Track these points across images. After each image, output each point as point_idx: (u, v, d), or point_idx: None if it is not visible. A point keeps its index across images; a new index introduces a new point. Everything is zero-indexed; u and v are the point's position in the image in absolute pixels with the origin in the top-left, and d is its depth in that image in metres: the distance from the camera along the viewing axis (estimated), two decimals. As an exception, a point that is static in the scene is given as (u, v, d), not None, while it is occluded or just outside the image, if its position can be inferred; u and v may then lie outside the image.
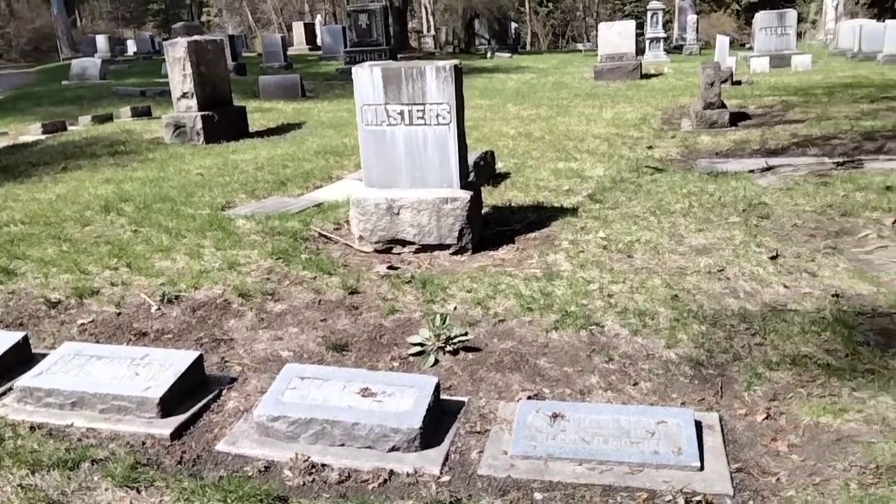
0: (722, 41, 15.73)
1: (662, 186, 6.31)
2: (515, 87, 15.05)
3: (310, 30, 32.71)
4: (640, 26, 33.07)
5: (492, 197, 6.12)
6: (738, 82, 15.44)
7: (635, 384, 3.25)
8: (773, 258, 4.60)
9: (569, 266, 4.47)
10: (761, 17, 20.97)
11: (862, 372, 3.31)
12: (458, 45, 29.32)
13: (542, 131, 9.29)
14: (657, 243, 4.85)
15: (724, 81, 14.97)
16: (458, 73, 4.80)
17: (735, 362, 3.39)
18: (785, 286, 4.22)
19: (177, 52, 9.16)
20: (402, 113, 4.81)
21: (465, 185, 5.01)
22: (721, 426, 2.93)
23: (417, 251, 4.99)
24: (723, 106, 9.58)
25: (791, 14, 20.63)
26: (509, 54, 26.17)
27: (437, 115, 4.79)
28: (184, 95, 9.28)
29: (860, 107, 10.20)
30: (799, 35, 42.86)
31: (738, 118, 9.97)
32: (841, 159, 7.10)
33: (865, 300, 4.07)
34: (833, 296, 4.11)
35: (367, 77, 4.80)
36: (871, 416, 2.95)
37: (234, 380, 3.38)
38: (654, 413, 2.89)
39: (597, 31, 21.09)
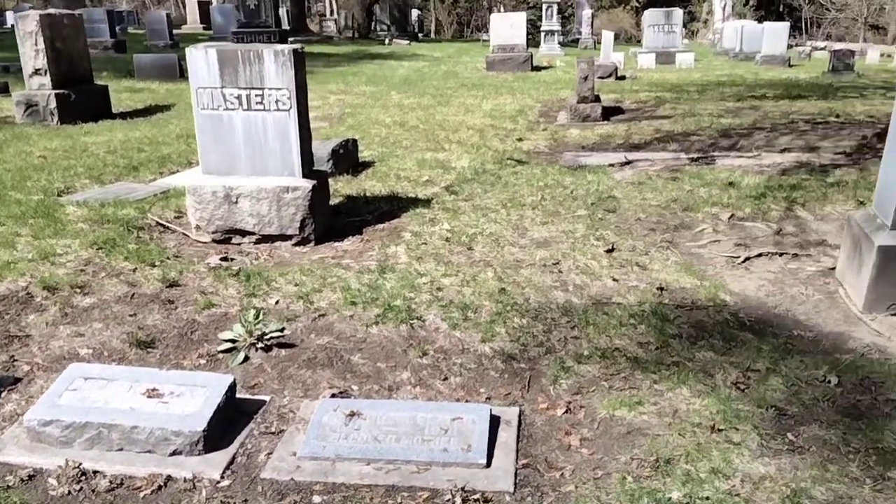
0: (607, 37, 16.10)
1: (521, 179, 6.35)
2: (405, 75, 14.92)
3: (204, 8, 31.49)
4: (564, 21, 33.66)
5: (350, 186, 6.00)
6: (623, 77, 15.90)
7: (445, 379, 3.21)
8: (608, 251, 4.69)
9: (406, 258, 4.41)
10: (649, 15, 21.64)
11: (668, 364, 3.39)
12: (357, 30, 28.92)
13: (419, 120, 9.22)
14: (500, 236, 4.86)
15: (609, 76, 15.40)
16: (299, 57, 4.64)
17: (547, 356, 3.41)
18: (614, 279, 4.29)
19: (28, 25, 8.54)
20: (239, 97, 4.61)
21: (308, 173, 4.86)
22: (520, 421, 2.92)
23: (258, 242, 4.81)
24: (596, 100, 9.77)
25: (677, 13, 21.37)
26: (408, 41, 26.02)
27: (277, 101, 4.61)
28: (36, 72, 8.67)
29: (726, 104, 10.64)
30: (693, 34, 44.69)
31: (612, 112, 10.21)
32: (695, 155, 7.35)
33: (687, 293, 4.19)
34: (658, 289, 4.21)
35: (202, 58, 4.57)
36: (663, 409, 3.01)
37: (17, 380, 3.13)
38: (452, 409, 2.85)
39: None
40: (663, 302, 4.04)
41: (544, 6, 23.24)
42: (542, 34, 23.21)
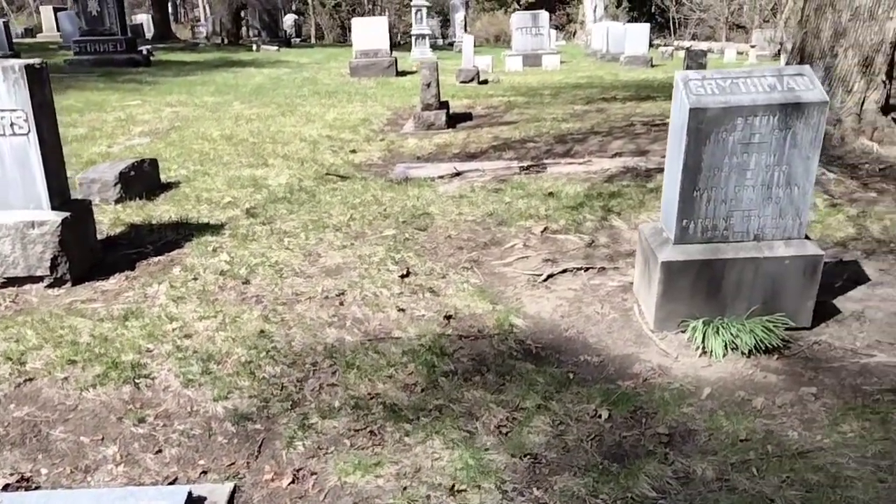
0: (467, 41, 15.97)
1: (337, 197, 5.94)
2: (259, 84, 14.26)
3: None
4: (446, 23, 33.37)
5: (139, 212, 5.41)
6: (485, 81, 15.79)
7: (158, 452, 2.75)
8: (403, 277, 4.35)
9: (165, 299, 3.91)
10: (517, 18, 21.79)
11: (429, 410, 3.06)
12: (226, 36, 27.79)
13: (252, 133, 8.66)
14: (286, 265, 4.43)
15: (471, 80, 15.25)
16: (36, 74, 4.04)
17: (290, 411, 3.01)
18: (400, 309, 3.95)
19: None
20: (-35, 121, 3.97)
21: (61, 204, 4.27)
22: (231, 500, 2.50)
23: (3, 285, 4.18)
24: (441, 107, 9.50)
25: (543, 15, 21.59)
26: (277, 47, 25.20)
27: (13, 125, 4.01)
28: None
29: (574, 108, 10.62)
30: (572, 35, 45.64)
31: (460, 119, 9.97)
32: (528, 163, 7.17)
33: (477, 321, 3.90)
34: (445, 318, 3.90)
35: (-85, 77, 3.91)
36: (404, 469, 2.67)
37: None
38: (140, 496, 2.39)
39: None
40: (447, 333, 3.73)
41: (413, 10, 23.04)
42: (413, 38, 22.99)
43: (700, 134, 3.53)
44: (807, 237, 3.81)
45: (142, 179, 5.83)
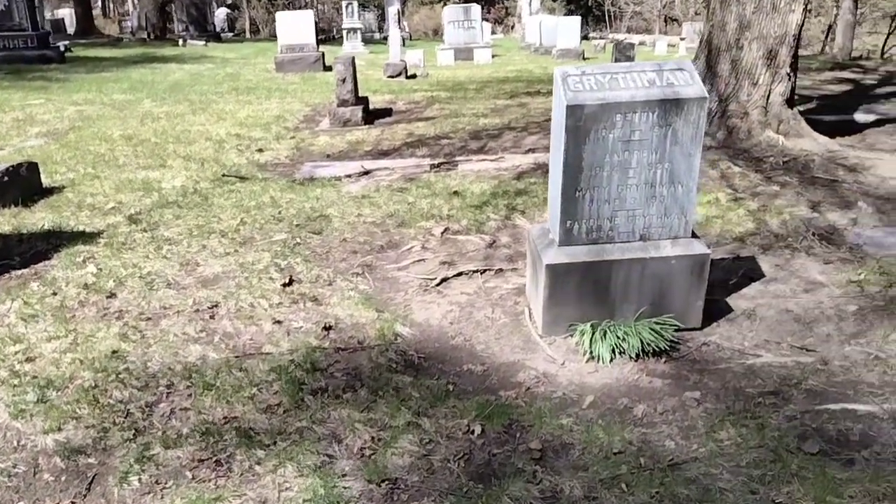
0: (394, 34, 15.72)
1: (232, 200, 5.66)
2: (177, 80, 13.74)
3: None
4: (383, 16, 32.80)
5: (11, 221, 5.04)
6: (414, 76, 15.59)
7: (-29, 496, 2.47)
8: (286, 285, 4.11)
9: (14, 318, 3.60)
10: (448, 12, 21.61)
11: (289, 433, 2.85)
12: (152, 30, 26.88)
13: (156, 133, 8.27)
14: (160, 276, 4.15)
15: (398, 75, 15.01)
16: None
17: (131, 442, 2.76)
18: (276, 322, 3.72)
19: None
20: None
21: None
22: (44, 549, 2.24)
23: None
24: (358, 103, 9.25)
25: (475, 8, 21.45)
26: (205, 42, 24.49)
27: None
28: None
29: (496, 102, 10.49)
30: (510, 28, 45.67)
31: (379, 115, 9.75)
32: (439, 160, 6.99)
33: (359, 331, 3.70)
34: (325, 329, 3.69)
35: None
36: (247, 503, 2.45)
37: None
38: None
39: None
40: (323, 346, 3.52)
41: (344, 3, 22.64)
42: (345, 32, 22.60)
43: (579, 132, 3.39)
44: (694, 235, 3.72)
45: (17, 185, 5.45)
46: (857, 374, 3.27)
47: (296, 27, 16.35)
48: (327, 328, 3.68)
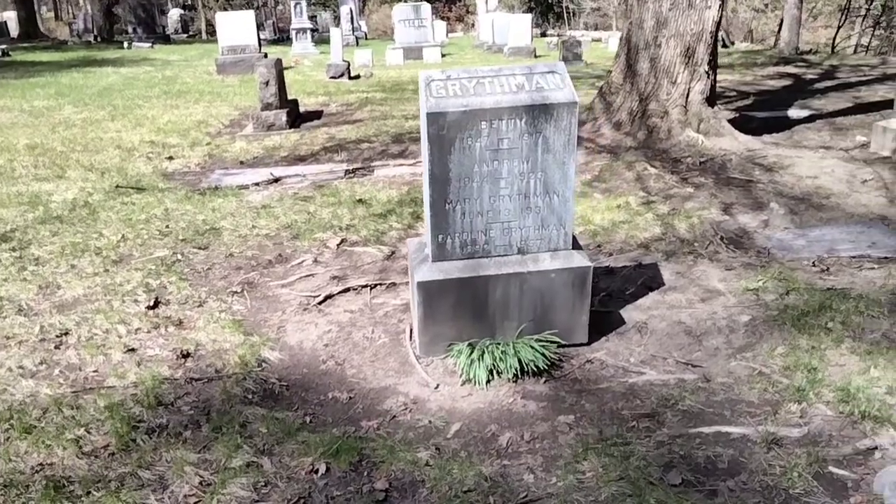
0: (335, 35, 15.40)
1: (121, 213, 5.35)
2: (109, 84, 13.30)
3: None
4: (338, 19, 32.33)
5: None
6: (357, 76, 15.30)
7: None
8: (150, 308, 3.83)
9: None
10: (399, 10, 21.36)
11: (109, 481, 2.59)
12: (98, 33, 26.19)
13: (65, 141, 7.90)
14: (12, 301, 3.85)
15: (341, 76, 14.71)
16: None
17: (-80, 499, 2.47)
18: (129, 350, 3.45)
19: None
20: None
21: None
22: None
23: None
24: (283, 106, 8.95)
25: (425, 7, 21.23)
26: (151, 44, 23.91)
27: None
28: None
29: (431, 103, 10.24)
30: (470, 26, 45.50)
31: (309, 118, 9.46)
32: (356, 166, 6.74)
33: (221, 357, 3.45)
34: (182, 356, 3.42)
35: None
36: (31, 569, 2.18)
37: None
38: None
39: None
40: (175, 376, 3.25)
41: (293, 3, 22.25)
42: (294, 32, 22.20)
43: (443, 141, 3.17)
44: (577, 247, 3.52)
45: None
46: (738, 392, 3.10)
47: (237, 28, 15.96)
48: (185, 355, 3.42)
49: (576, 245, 3.52)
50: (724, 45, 20.80)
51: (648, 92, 6.46)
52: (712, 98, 6.56)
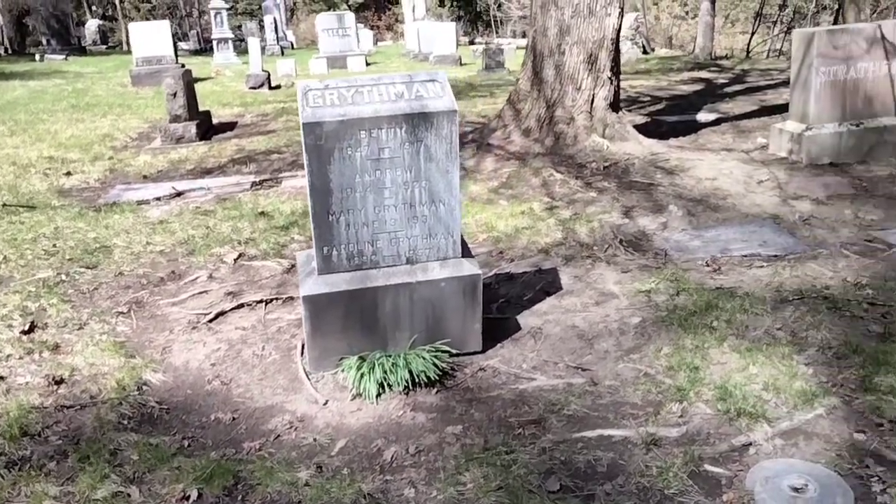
0: (254, 44, 15.16)
1: (7, 233, 5.09)
2: (14, 98, 12.75)
3: None
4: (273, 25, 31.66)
5: None
6: (278, 86, 15.07)
7: None
8: (25, 332, 3.64)
9: None
10: (322, 20, 21.18)
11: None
12: (9, 45, 25.13)
13: (-44, 159, 7.50)
14: None
15: (261, 86, 14.47)
16: None
17: None
18: (-2, 378, 3.25)
19: None
20: None
21: None
22: None
23: None
24: (193, 118, 8.72)
25: (349, 16, 21.13)
26: (65, 56, 23.08)
27: None
28: None
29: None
30: (400, 35, 45.58)
31: (221, 129, 9.25)
32: (263, 178, 6.60)
33: (97, 382, 3.29)
34: (54, 382, 3.25)
35: None
36: None
37: None
38: None
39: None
40: (45, 404, 3.08)
41: (213, 12, 21.82)
42: (215, 42, 21.76)
43: (322, 151, 3.11)
44: (467, 255, 3.50)
45: None
46: (623, 395, 3.12)
47: (152, 38, 15.55)
48: (57, 382, 3.25)
49: (466, 253, 3.51)
50: (645, 52, 21.33)
51: (554, 99, 6.53)
52: (616, 103, 6.68)
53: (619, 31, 6.38)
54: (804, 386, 3.05)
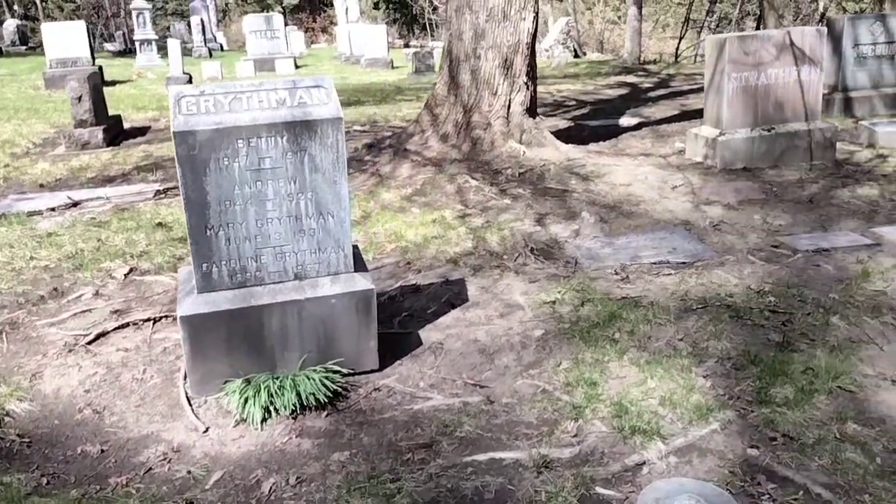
0: (174, 45, 14.68)
1: None
2: (-89, 101, 12.00)
3: None
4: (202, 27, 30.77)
5: None
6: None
7: None
8: None
9: None
10: (249, 21, 20.73)
11: None
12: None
13: None
14: None
15: (182, 89, 13.97)
16: None
17: None
18: None
19: None
20: None
21: None
22: None
23: None
24: (100, 123, 8.31)
25: (277, 18, 20.73)
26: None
27: None
28: None
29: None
30: (335, 37, 45.02)
31: (131, 135, 8.86)
32: (167, 186, 6.29)
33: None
34: None
35: None
36: None
37: None
38: None
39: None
40: None
41: (134, 13, 21.11)
42: (138, 44, 21.05)
43: (196, 161, 2.90)
44: (361, 269, 3.33)
45: None
46: (519, 413, 3.01)
47: (68, 39, 14.90)
48: None
49: (360, 267, 3.34)
50: (577, 56, 21.57)
51: (471, 104, 6.42)
52: (534, 109, 6.62)
53: (534, 35, 6.32)
54: (701, 399, 2.99)
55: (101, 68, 15.37)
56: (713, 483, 2.53)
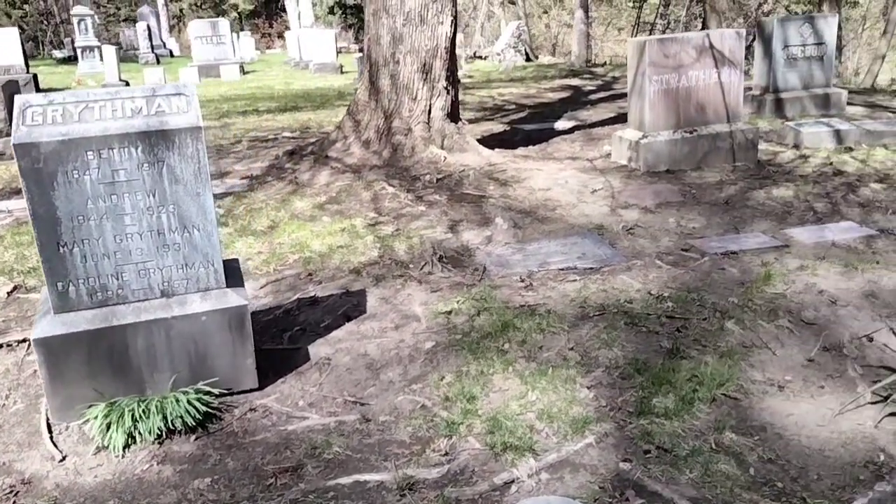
0: (109, 51, 14.33)
1: None
2: None
3: None
4: (151, 34, 30.05)
5: None
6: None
7: None
8: None
9: None
10: (195, 27, 20.38)
11: None
12: None
13: None
14: None
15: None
16: None
17: None
18: None
19: None
20: None
21: None
22: None
23: None
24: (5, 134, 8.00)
25: (223, 23, 20.41)
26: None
27: None
28: None
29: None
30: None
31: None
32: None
33: None
34: None
35: None
36: None
37: None
38: None
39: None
40: None
41: (75, 20, 20.63)
42: (80, 51, 20.57)
43: (41, 175, 2.74)
44: (236, 284, 3.18)
45: None
46: (394, 432, 2.89)
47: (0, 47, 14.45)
48: None
49: (235, 282, 3.20)
50: (528, 59, 21.60)
51: (392, 109, 6.31)
52: (455, 113, 6.53)
53: (453, 39, 6.23)
54: (581, 412, 2.91)
55: (35, 76, 14.95)
56: (580, 500, 2.44)
